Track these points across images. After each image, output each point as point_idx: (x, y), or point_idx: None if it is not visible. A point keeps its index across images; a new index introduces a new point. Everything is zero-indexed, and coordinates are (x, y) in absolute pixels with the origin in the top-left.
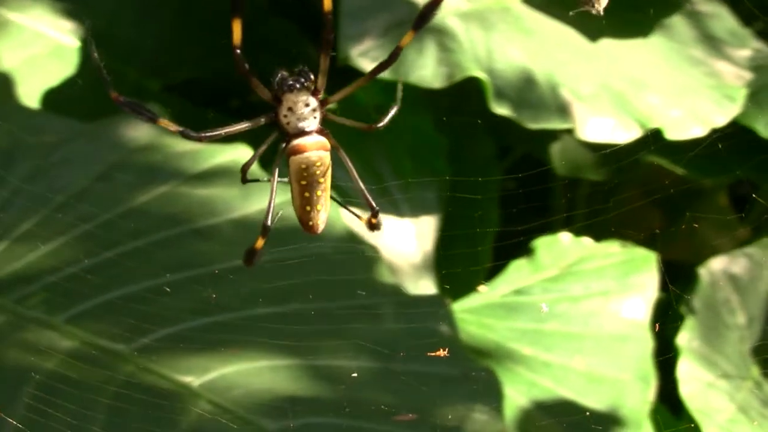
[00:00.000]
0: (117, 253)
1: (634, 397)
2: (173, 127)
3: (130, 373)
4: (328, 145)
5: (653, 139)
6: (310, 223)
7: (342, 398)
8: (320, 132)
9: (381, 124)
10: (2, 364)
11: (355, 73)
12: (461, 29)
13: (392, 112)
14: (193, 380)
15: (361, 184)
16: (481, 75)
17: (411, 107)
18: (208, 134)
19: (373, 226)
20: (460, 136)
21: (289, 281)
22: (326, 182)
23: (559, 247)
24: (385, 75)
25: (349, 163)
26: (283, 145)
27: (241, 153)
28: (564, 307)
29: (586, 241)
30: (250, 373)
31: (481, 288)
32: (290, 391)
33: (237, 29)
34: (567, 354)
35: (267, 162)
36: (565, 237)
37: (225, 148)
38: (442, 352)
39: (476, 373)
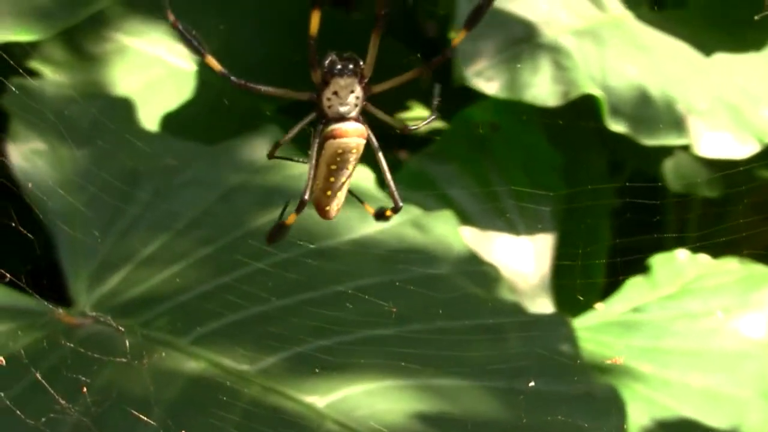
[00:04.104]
0: (238, 275)
1: (756, 415)
2: (218, 67)
3: (255, 393)
4: (366, 134)
5: None
6: (327, 208)
7: (466, 417)
8: (358, 120)
9: (414, 127)
10: (132, 385)
11: (471, 94)
12: (575, 47)
13: (430, 119)
14: (317, 400)
15: (389, 177)
16: (596, 92)
17: (525, 124)
18: (249, 84)
19: (380, 216)
20: (573, 152)
21: (410, 301)
22: (352, 170)
23: (675, 265)
24: (499, 93)
25: (380, 155)
26: (320, 127)
27: (361, 176)
28: (682, 325)
29: (703, 258)
30: (375, 393)
31: (598, 306)
32: (414, 410)
33: (315, 21)
34: (686, 372)
35: None
36: (681, 254)
37: None
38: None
39: (599, 391)
